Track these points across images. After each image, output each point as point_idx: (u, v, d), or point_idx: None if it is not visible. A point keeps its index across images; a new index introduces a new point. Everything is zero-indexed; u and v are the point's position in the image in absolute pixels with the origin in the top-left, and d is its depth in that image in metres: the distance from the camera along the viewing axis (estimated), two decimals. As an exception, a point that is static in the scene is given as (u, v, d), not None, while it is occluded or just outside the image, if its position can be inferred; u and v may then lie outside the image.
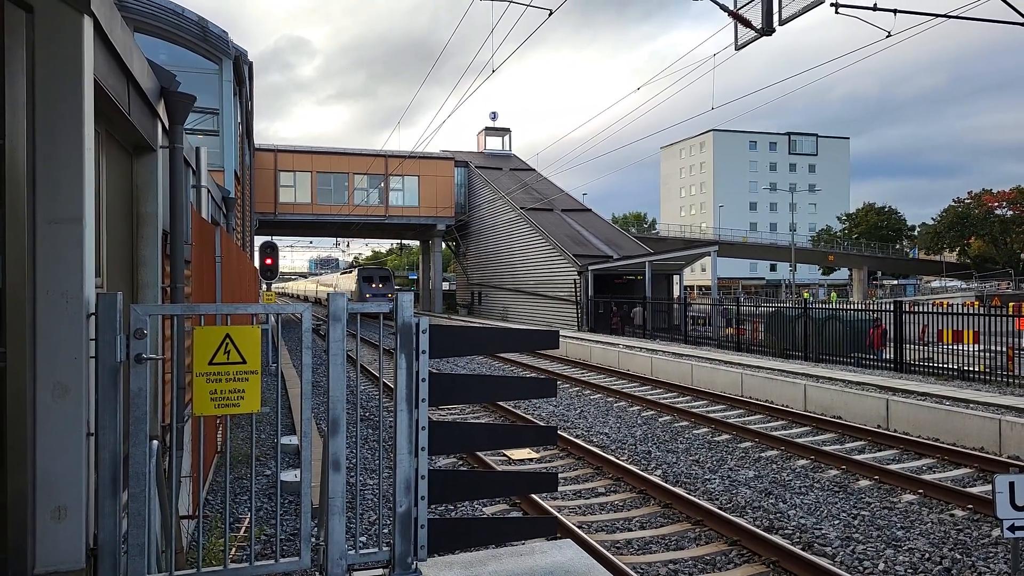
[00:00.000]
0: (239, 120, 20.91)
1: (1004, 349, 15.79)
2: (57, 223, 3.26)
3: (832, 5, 12.15)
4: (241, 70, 19.78)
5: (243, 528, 7.23)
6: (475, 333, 4.15)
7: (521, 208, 41.64)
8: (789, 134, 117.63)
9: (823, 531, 7.38)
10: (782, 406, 14.17)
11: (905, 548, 6.89)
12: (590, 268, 34.82)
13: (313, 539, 3.71)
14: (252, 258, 26.10)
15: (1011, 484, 5.51)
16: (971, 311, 18.37)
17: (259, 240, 27.12)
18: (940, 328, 17.26)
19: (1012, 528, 5.47)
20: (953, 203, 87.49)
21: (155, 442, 3.32)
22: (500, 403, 14.50)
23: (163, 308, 4.51)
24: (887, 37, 12.55)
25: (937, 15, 12.74)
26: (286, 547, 6.72)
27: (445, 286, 61.92)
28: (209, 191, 9.33)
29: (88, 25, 3.39)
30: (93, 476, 3.30)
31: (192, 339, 3.46)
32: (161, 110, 5.44)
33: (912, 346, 18.12)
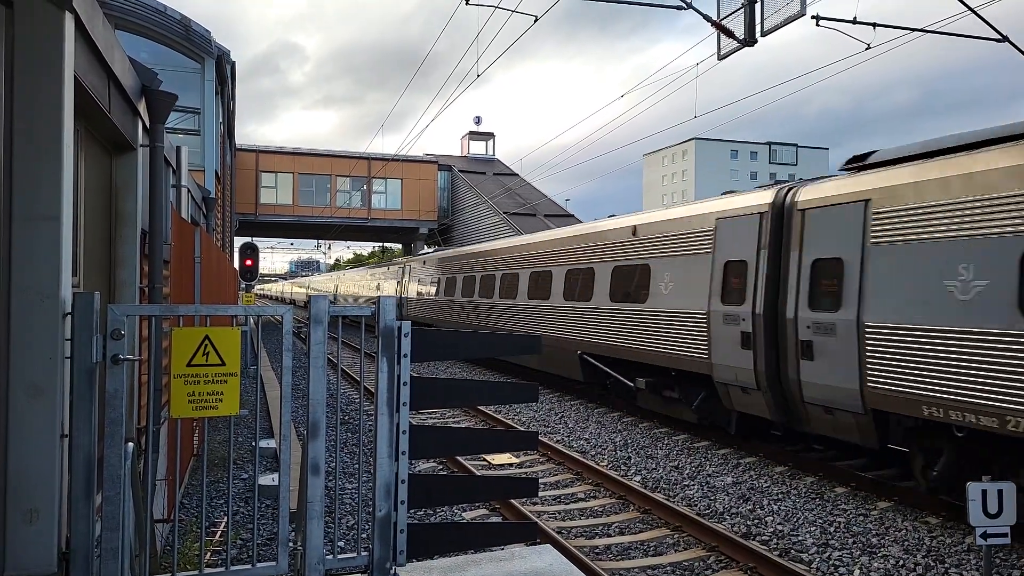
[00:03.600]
0: (221, 120, 20.76)
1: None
2: (34, 221, 3.22)
3: (813, 18, 12.29)
4: (224, 70, 19.64)
5: (219, 532, 7.15)
6: (457, 337, 4.14)
7: (504, 213, 41.65)
8: (770, 144, 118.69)
9: (800, 537, 7.43)
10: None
11: (880, 555, 6.95)
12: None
13: (291, 544, 3.68)
14: (232, 259, 25.88)
15: (983, 492, 5.58)
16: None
17: (239, 241, 26.88)
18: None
19: (984, 535, 5.54)
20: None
21: (130, 444, 3.28)
22: (481, 407, 14.47)
23: (141, 308, 4.46)
24: (866, 49, 12.71)
25: (915, 29, 12.92)
26: (263, 552, 6.65)
27: (427, 290, 61.64)
28: (189, 191, 9.25)
29: (69, 21, 3.35)
30: (66, 478, 3.25)
31: (170, 340, 3.42)
32: (142, 108, 5.39)
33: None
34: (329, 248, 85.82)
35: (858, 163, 9.48)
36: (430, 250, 40.68)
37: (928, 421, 7.96)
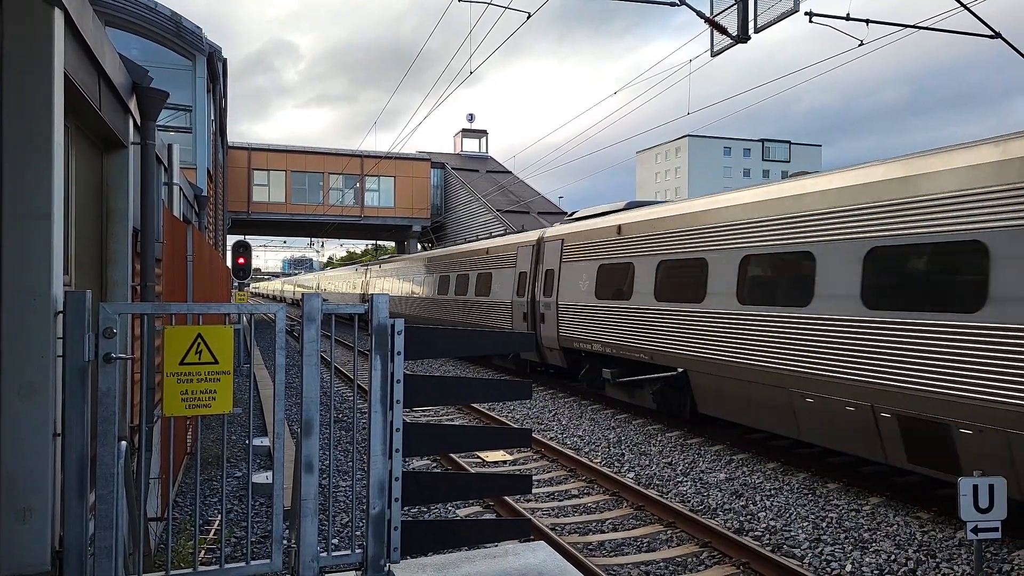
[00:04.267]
0: (212, 117, 20.69)
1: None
2: (24, 219, 3.20)
3: (806, 14, 12.32)
4: (215, 67, 19.57)
5: (213, 530, 7.14)
6: (450, 335, 4.15)
7: (497, 210, 41.64)
8: (763, 140, 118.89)
9: (792, 533, 7.47)
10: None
11: (872, 549, 6.99)
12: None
13: (285, 541, 3.68)
14: (225, 257, 25.82)
15: (975, 487, 5.62)
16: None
17: (232, 239, 26.80)
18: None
19: (975, 530, 5.58)
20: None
21: (124, 443, 3.27)
22: (475, 405, 14.48)
23: (133, 307, 4.44)
24: (859, 46, 12.74)
25: (908, 25, 12.96)
26: (257, 549, 6.65)
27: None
28: (181, 189, 9.23)
29: (58, 18, 3.34)
30: (59, 477, 3.24)
31: (163, 338, 3.41)
32: (133, 106, 5.37)
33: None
34: (322, 246, 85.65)
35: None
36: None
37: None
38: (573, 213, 17.99)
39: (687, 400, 12.24)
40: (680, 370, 11.82)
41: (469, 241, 32.35)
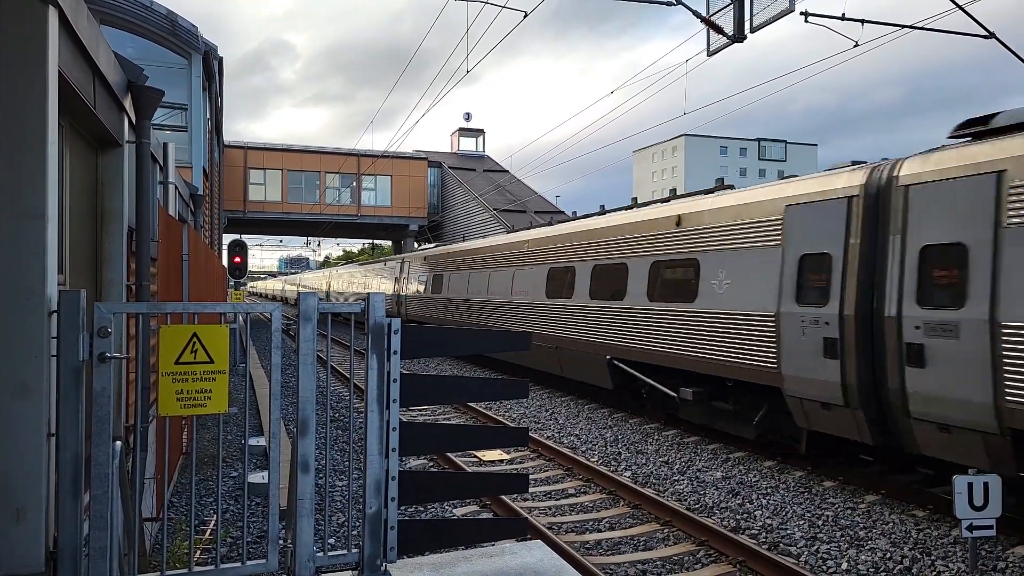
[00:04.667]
0: (208, 116, 20.64)
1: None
2: (18, 218, 3.19)
3: (802, 14, 12.32)
4: (211, 65, 19.52)
5: (209, 530, 7.12)
6: (447, 334, 4.14)
7: (494, 209, 41.63)
8: (759, 140, 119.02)
9: (788, 531, 7.47)
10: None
11: (868, 547, 7.00)
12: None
13: (281, 541, 3.67)
14: (221, 257, 25.77)
15: (969, 485, 5.63)
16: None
17: (228, 238, 26.75)
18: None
19: (970, 528, 5.59)
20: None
21: (118, 443, 3.26)
22: (471, 404, 14.47)
23: (128, 306, 4.42)
24: (855, 47, 12.76)
25: (903, 26, 12.97)
26: (253, 549, 6.63)
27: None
28: (176, 188, 9.20)
29: (53, 16, 3.32)
30: (54, 477, 3.22)
31: (158, 338, 3.40)
32: (128, 104, 5.35)
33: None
34: (319, 245, 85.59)
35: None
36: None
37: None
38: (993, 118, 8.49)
39: None
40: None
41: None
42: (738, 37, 11.70)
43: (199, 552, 6.42)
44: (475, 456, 10.77)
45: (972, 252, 7.18)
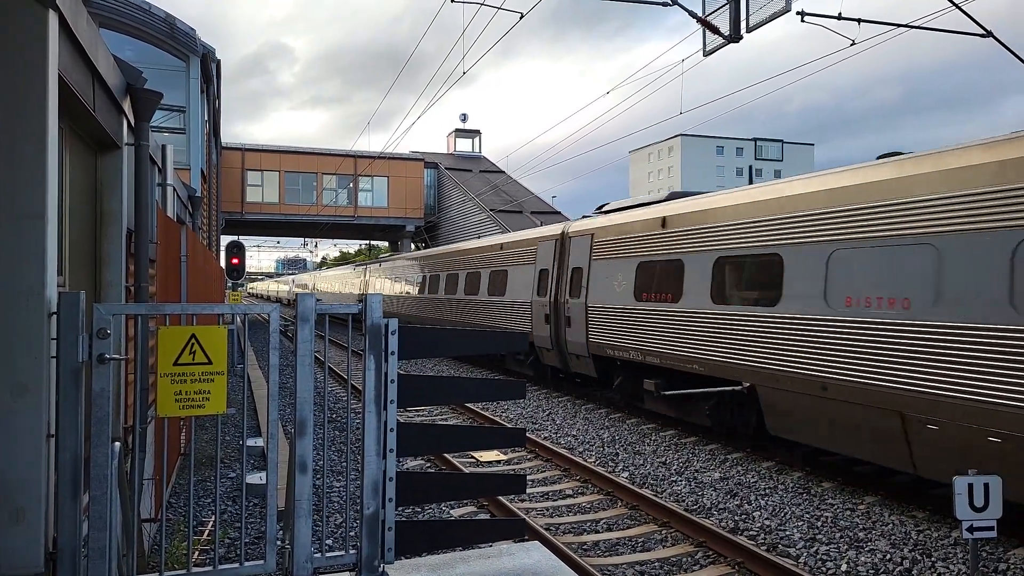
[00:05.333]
0: (206, 118, 20.64)
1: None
2: (18, 219, 3.20)
3: (798, 14, 12.35)
4: (209, 68, 19.52)
5: (207, 531, 7.13)
6: (444, 335, 4.15)
7: (491, 210, 41.63)
8: (755, 140, 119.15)
9: (787, 532, 7.49)
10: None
11: (867, 549, 7.02)
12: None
13: (279, 542, 3.68)
14: (219, 258, 25.76)
15: (970, 486, 5.64)
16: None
17: (226, 240, 26.72)
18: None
19: (970, 529, 5.60)
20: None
21: (117, 444, 3.27)
22: (469, 405, 14.48)
23: (127, 307, 4.43)
24: (851, 45, 12.79)
25: (900, 25, 13.01)
26: (251, 550, 6.64)
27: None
28: (175, 189, 9.21)
29: (53, 20, 3.33)
30: (53, 478, 3.23)
31: (156, 339, 3.41)
32: (127, 107, 5.36)
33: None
34: (316, 246, 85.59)
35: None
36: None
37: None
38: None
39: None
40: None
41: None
42: (734, 37, 11.73)
43: (197, 553, 6.42)
44: (472, 457, 10.77)
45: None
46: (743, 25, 11.72)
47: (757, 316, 9.82)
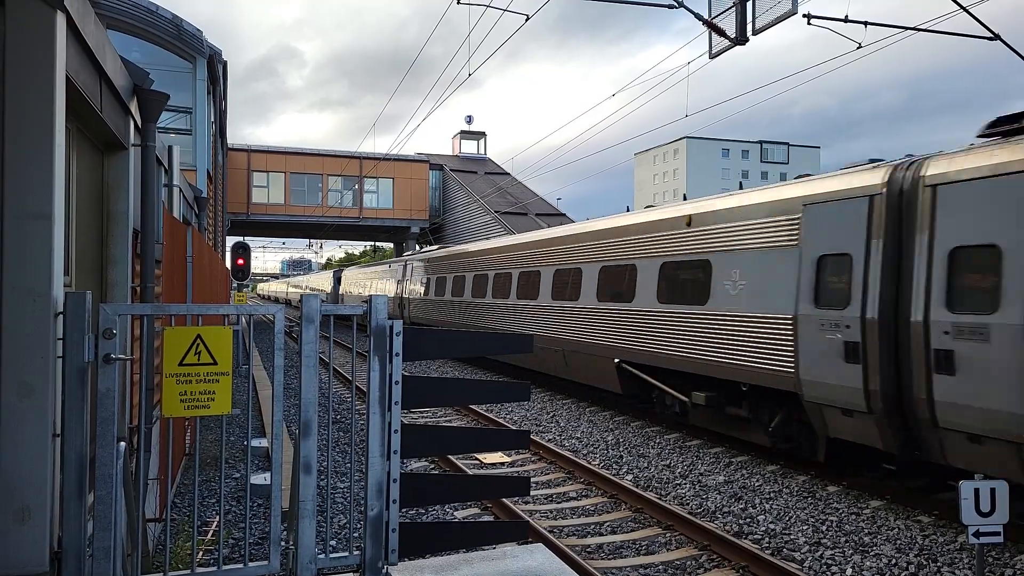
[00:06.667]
0: (212, 119, 20.70)
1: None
2: (25, 220, 3.21)
3: (805, 16, 12.34)
4: (215, 69, 19.58)
5: (211, 531, 7.14)
6: (449, 336, 4.15)
7: (495, 212, 41.65)
8: (761, 142, 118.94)
9: (792, 536, 7.46)
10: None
11: (872, 553, 6.99)
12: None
13: (283, 543, 3.69)
14: (224, 259, 25.82)
15: (976, 490, 5.61)
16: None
17: (231, 240, 26.79)
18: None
19: (977, 534, 5.57)
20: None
21: (122, 444, 3.28)
22: (473, 407, 14.48)
23: (133, 308, 4.45)
24: (857, 48, 12.77)
25: (906, 27, 12.98)
26: (255, 551, 6.64)
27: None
28: (181, 190, 9.23)
29: (61, 21, 3.34)
30: (58, 478, 3.24)
31: (162, 339, 3.42)
32: (134, 108, 5.38)
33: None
34: (321, 248, 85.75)
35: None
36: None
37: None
38: None
39: None
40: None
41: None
42: (740, 39, 11.72)
43: (201, 553, 6.43)
44: (476, 458, 10.77)
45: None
46: (749, 28, 11.71)
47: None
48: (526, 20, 12.68)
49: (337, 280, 50.26)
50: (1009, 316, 6.82)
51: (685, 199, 13.38)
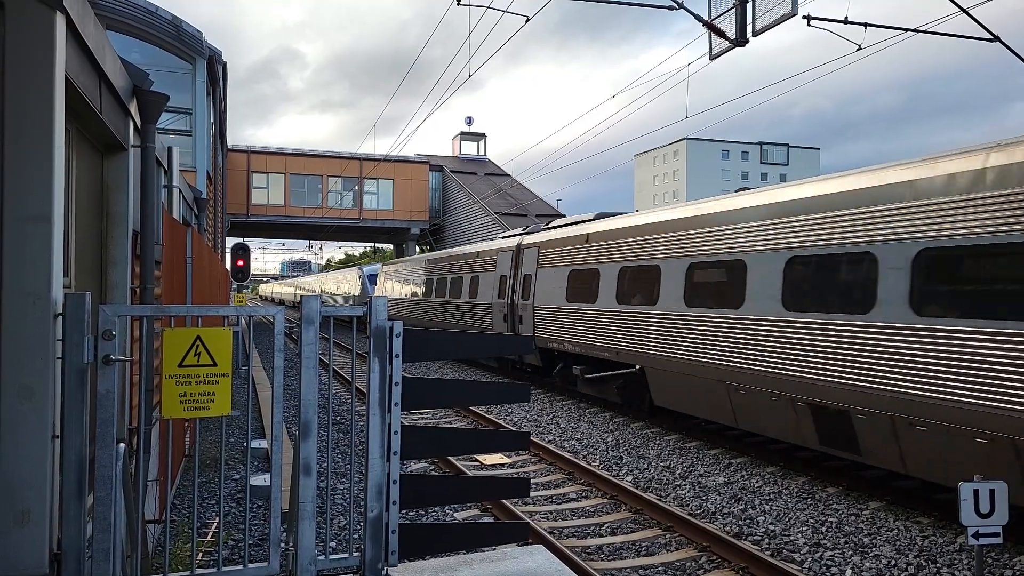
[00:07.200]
0: (212, 120, 20.70)
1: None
2: (25, 221, 3.21)
3: (804, 17, 12.34)
4: (215, 70, 19.59)
5: (211, 533, 7.13)
6: (449, 337, 4.15)
7: (495, 213, 41.66)
8: (761, 143, 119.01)
9: (792, 537, 7.46)
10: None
11: (872, 554, 6.99)
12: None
13: (283, 544, 3.68)
14: (224, 260, 25.82)
15: (975, 492, 5.62)
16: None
17: (231, 242, 26.78)
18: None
19: (976, 535, 5.57)
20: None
21: (122, 445, 3.27)
22: (473, 408, 14.47)
23: (132, 309, 4.45)
24: (857, 50, 12.77)
25: (906, 29, 13.00)
26: (255, 552, 6.64)
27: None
28: (181, 191, 9.23)
29: (60, 22, 3.34)
30: (58, 479, 3.24)
31: (162, 341, 3.42)
32: (133, 109, 5.38)
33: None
34: (320, 249, 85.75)
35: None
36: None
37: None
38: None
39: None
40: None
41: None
42: (740, 41, 11.72)
43: (201, 554, 6.42)
44: (476, 460, 10.77)
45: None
46: (749, 29, 11.72)
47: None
48: (526, 21, 12.69)
49: (370, 280, 38.94)
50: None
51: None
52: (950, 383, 7.12)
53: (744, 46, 11.76)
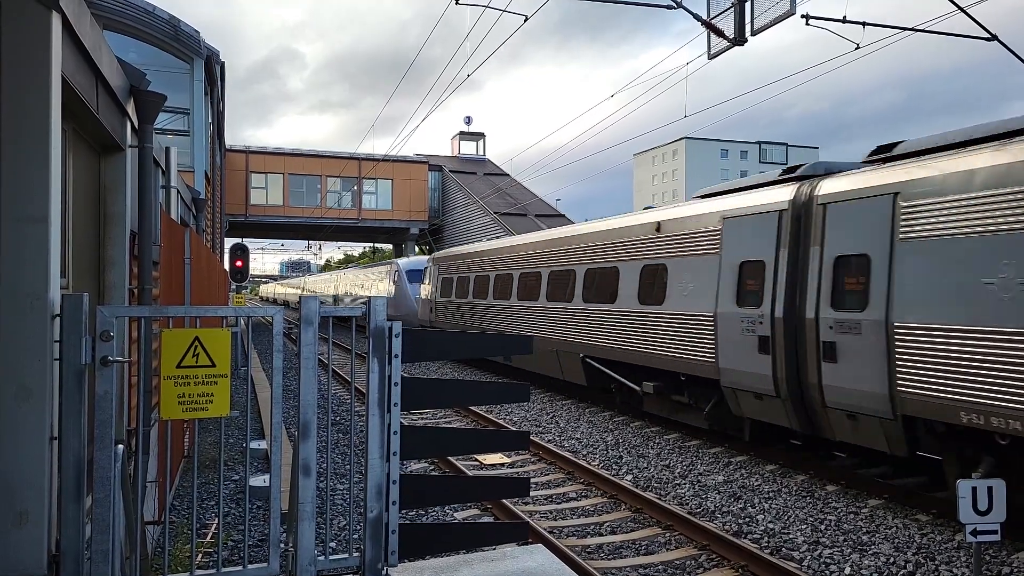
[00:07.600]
0: (210, 120, 20.68)
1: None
2: (22, 222, 3.19)
3: (803, 17, 12.34)
4: (213, 70, 19.57)
5: (210, 534, 7.12)
6: (448, 338, 4.15)
7: (495, 213, 41.65)
8: (760, 143, 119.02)
9: (791, 535, 7.46)
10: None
11: (871, 552, 6.99)
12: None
13: (282, 545, 3.68)
14: (222, 260, 25.80)
15: (973, 489, 5.62)
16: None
17: (229, 242, 26.75)
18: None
19: (974, 532, 5.57)
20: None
21: (120, 446, 3.27)
22: (472, 408, 14.47)
23: (130, 310, 4.43)
24: (856, 49, 12.77)
25: (904, 28, 12.99)
26: (254, 553, 6.63)
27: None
28: (179, 192, 9.22)
29: (56, 22, 3.33)
30: (56, 481, 3.23)
31: (160, 341, 3.41)
32: (131, 109, 5.37)
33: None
34: (320, 249, 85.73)
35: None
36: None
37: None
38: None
39: None
40: None
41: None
42: (739, 40, 11.72)
43: (200, 556, 6.42)
44: (476, 460, 10.76)
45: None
46: (748, 28, 11.71)
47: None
48: (525, 20, 12.68)
49: (409, 278, 29.75)
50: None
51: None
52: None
53: (743, 45, 11.76)
